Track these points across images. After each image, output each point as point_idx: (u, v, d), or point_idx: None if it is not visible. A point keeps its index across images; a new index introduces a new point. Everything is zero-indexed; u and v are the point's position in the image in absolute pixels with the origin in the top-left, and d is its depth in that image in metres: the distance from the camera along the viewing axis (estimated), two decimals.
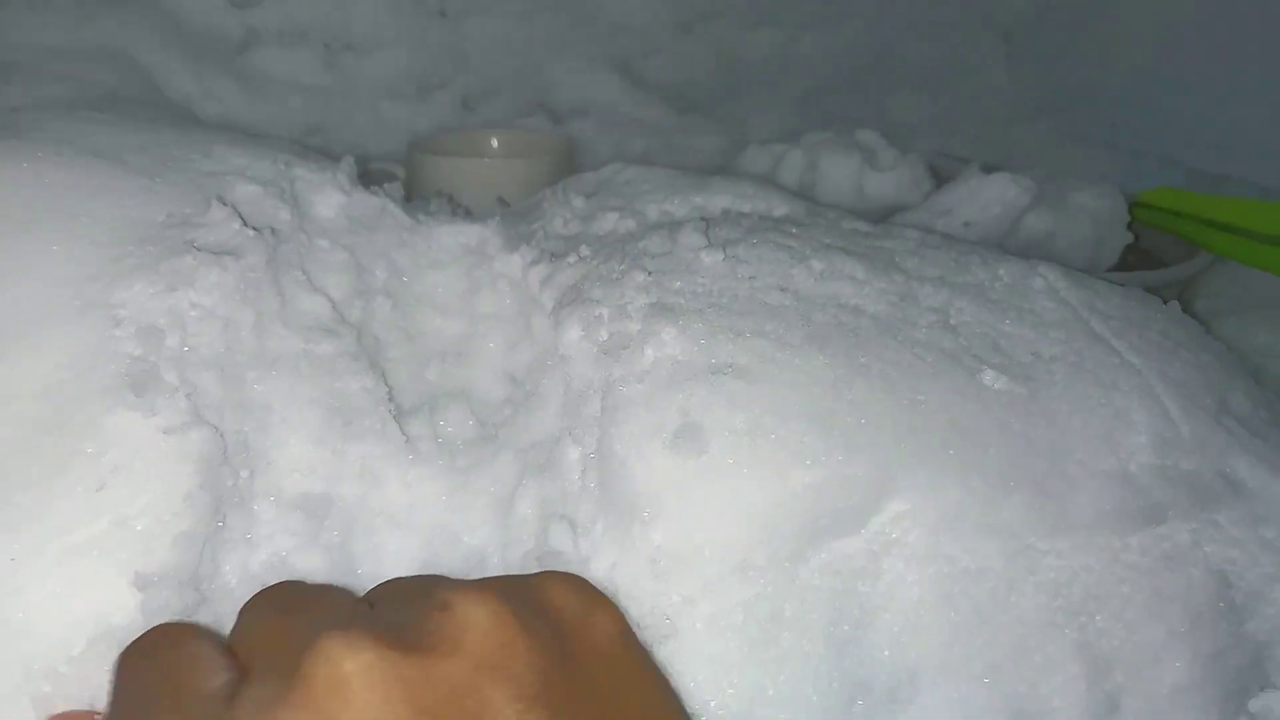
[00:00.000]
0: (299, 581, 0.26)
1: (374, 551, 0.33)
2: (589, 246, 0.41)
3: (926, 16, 1.00)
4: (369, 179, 0.49)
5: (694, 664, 0.28)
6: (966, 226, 0.57)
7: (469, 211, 0.55)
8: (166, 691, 0.22)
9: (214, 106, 0.75)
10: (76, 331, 0.31)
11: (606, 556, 0.30)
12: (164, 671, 0.23)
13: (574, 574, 0.26)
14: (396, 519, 0.34)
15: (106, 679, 0.24)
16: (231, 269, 0.34)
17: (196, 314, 0.33)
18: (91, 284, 0.33)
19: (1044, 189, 0.59)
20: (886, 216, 0.60)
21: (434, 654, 0.21)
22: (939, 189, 0.62)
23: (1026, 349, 0.35)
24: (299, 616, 0.22)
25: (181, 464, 0.29)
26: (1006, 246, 0.52)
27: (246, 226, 0.37)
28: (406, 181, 0.68)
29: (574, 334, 0.35)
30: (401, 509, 0.34)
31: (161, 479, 0.28)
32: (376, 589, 0.25)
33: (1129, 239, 0.61)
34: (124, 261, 0.34)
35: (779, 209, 0.47)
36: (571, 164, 0.71)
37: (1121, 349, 0.36)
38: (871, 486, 0.30)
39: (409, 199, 0.54)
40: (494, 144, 0.77)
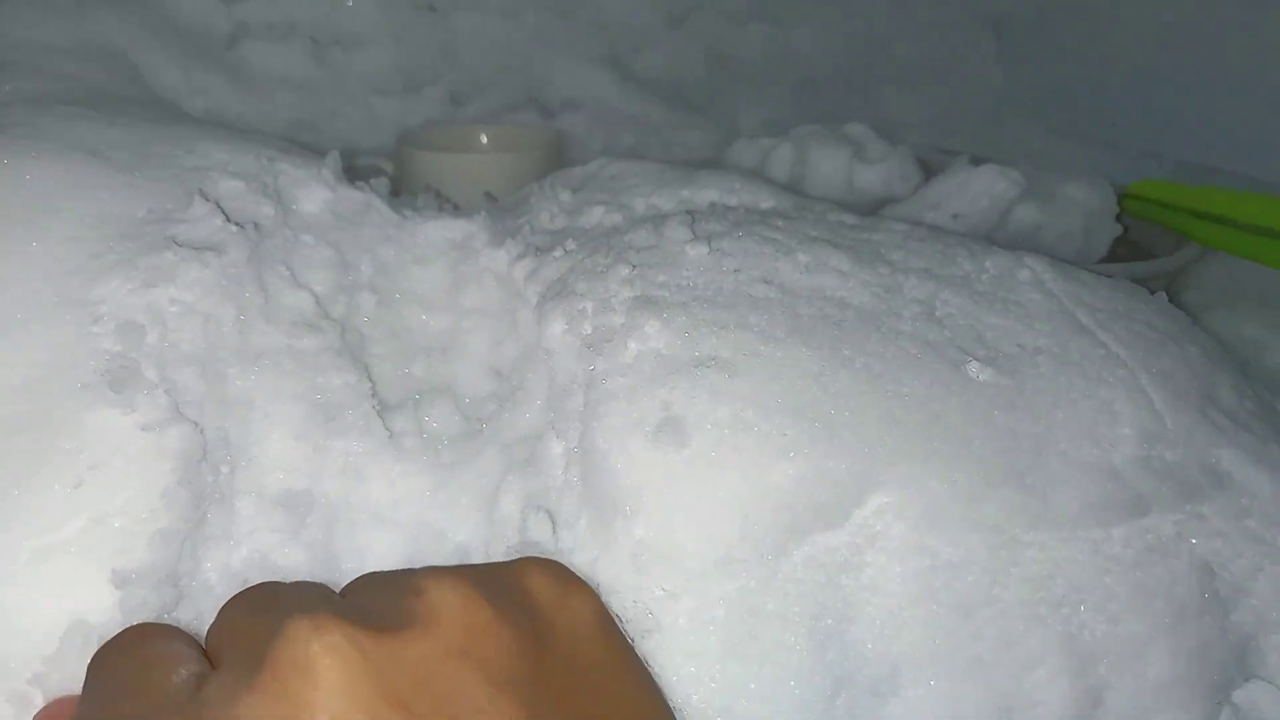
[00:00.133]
0: (278, 583, 0.26)
1: (357, 548, 0.33)
2: (575, 241, 0.41)
3: (917, 11, 1.00)
4: (357, 174, 0.49)
5: (676, 658, 0.28)
6: (955, 219, 0.57)
7: (456, 207, 0.55)
8: (136, 683, 0.22)
9: (202, 101, 0.75)
10: (55, 328, 0.31)
11: (589, 551, 0.29)
12: (135, 666, 0.22)
13: (551, 559, 0.26)
14: (380, 515, 0.34)
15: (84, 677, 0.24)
16: (213, 265, 0.34)
17: (177, 310, 0.33)
18: (70, 280, 0.32)
19: (1033, 181, 0.59)
20: (876, 209, 0.60)
21: (403, 637, 0.21)
22: (928, 182, 0.62)
23: (1012, 341, 0.35)
24: (271, 612, 0.22)
25: (160, 461, 0.29)
26: (995, 239, 0.52)
27: (229, 222, 0.37)
28: (395, 177, 0.68)
29: (558, 328, 0.35)
30: (385, 505, 0.34)
31: (140, 476, 0.28)
32: (352, 582, 0.25)
33: (1118, 231, 0.61)
34: (104, 258, 0.33)
35: (766, 202, 0.47)
36: (561, 158, 0.71)
37: (1107, 341, 0.36)
38: (854, 479, 0.29)
39: (398, 194, 0.54)
40: (483, 139, 0.77)
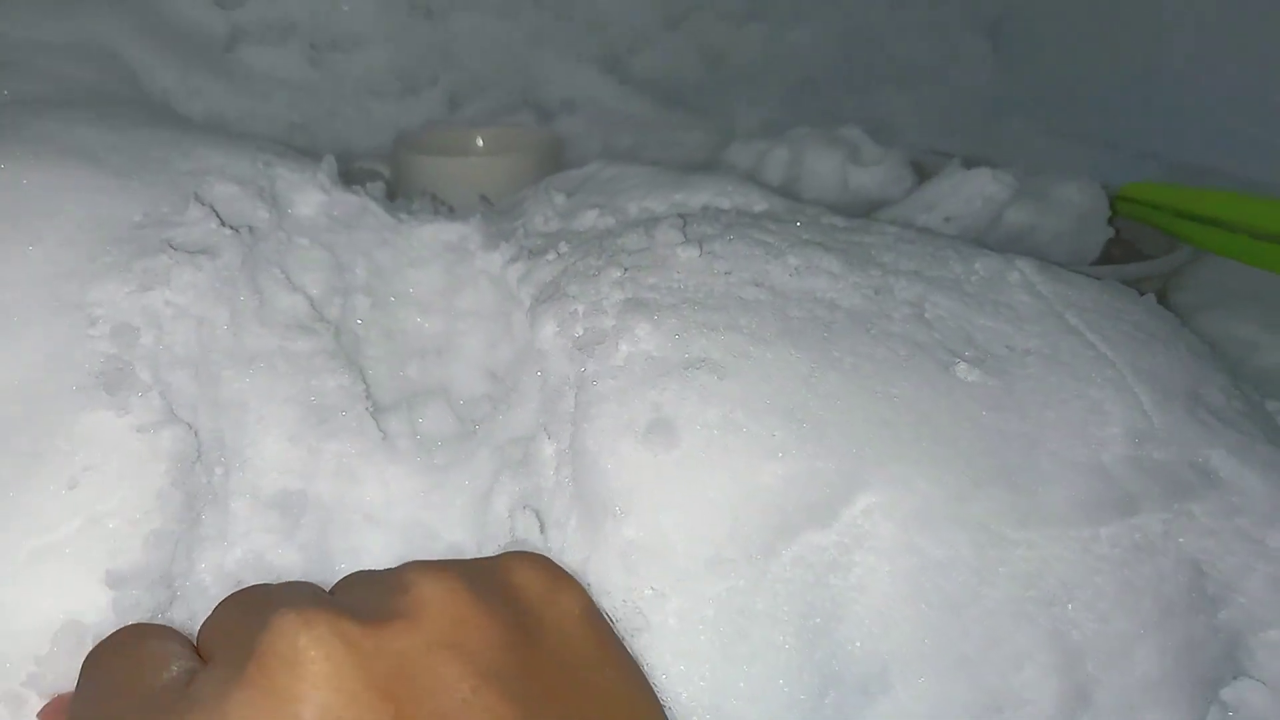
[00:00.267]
0: (269, 584, 0.26)
1: (351, 549, 0.33)
2: (568, 243, 0.41)
3: (911, 13, 1.00)
4: (353, 177, 0.49)
5: (666, 657, 0.28)
6: (948, 221, 0.58)
7: (452, 210, 0.55)
8: (129, 682, 0.22)
9: (198, 104, 0.75)
10: (50, 330, 0.31)
11: (579, 551, 0.30)
12: (128, 665, 0.23)
13: (539, 554, 0.26)
14: (373, 516, 0.34)
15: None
16: (207, 268, 0.34)
17: (171, 312, 0.33)
18: (66, 283, 0.33)
19: (1025, 183, 0.60)
20: (870, 212, 0.60)
21: (389, 629, 0.21)
22: (922, 184, 0.62)
23: (1001, 342, 0.35)
24: (260, 610, 0.23)
25: (154, 462, 0.29)
26: (987, 241, 0.53)
27: (224, 225, 0.37)
28: (392, 180, 0.68)
29: (550, 330, 0.35)
30: (378, 506, 0.34)
31: (134, 477, 0.28)
32: (342, 580, 0.25)
33: (1110, 233, 0.62)
34: (99, 261, 0.34)
35: (758, 205, 0.47)
36: (558, 160, 0.71)
37: (1096, 341, 0.36)
38: (843, 479, 0.30)
39: (394, 197, 0.54)
40: (479, 141, 0.77)
